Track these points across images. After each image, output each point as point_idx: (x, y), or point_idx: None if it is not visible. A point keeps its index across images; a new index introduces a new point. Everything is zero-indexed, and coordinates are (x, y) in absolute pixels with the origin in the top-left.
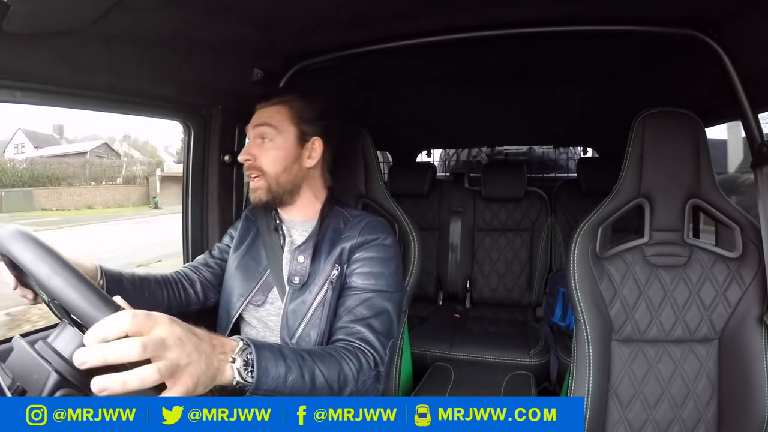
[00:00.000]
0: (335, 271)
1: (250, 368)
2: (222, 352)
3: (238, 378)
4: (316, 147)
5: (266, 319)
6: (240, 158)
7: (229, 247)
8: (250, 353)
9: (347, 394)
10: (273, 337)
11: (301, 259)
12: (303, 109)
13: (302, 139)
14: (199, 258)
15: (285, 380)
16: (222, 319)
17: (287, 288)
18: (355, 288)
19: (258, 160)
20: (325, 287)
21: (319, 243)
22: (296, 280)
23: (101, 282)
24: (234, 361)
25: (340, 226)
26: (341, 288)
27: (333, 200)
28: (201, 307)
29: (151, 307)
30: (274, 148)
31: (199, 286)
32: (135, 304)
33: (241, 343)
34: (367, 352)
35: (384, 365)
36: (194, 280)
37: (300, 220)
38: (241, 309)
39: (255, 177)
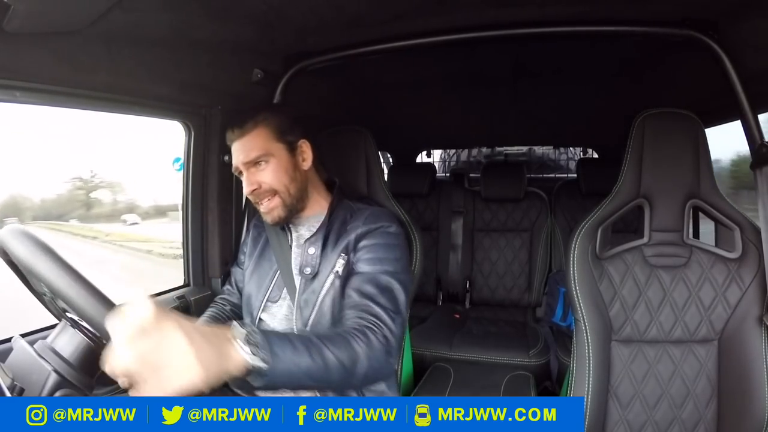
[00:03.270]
0: (341, 260)
1: (259, 352)
2: (228, 338)
3: (248, 359)
4: (305, 149)
5: (278, 312)
6: (247, 191)
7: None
8: (257, 336)
9: (361, 372)
10: (280, 328)
11: (311, 250)
12: (279, 122)
13: (292, 149)
14: (224, 290)
15: (298, 363)
16: (245, 319)
17: (299, 279)
18: (362, 274)
19: (264, 184)
20: (332, 276)
21: (328, 234)
22: (308, 270)
23: None
24: (241, 345)
25: (347, 217)
26: (348, 276)
27: (341, 194)
28: None
29: None
30: (273, 168)
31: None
32: None
33: (245, 329)
34: (374, 327)
35: (395, 339)
36: (229, 314)
37: (306, 216)
38: (261, 307)
39: (267, 200)
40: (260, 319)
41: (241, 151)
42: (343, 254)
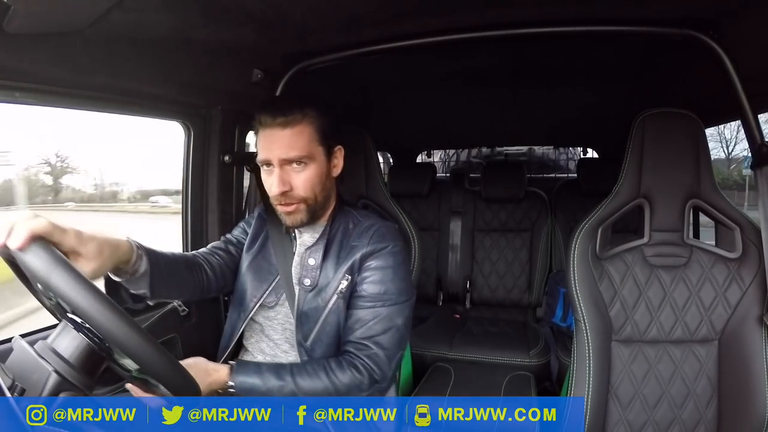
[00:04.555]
0: (345, 281)
1: (236, 386)
2: (222, 378)
3: (227, 386)
4: (339, 156)
5: (274, 318)
6: (276, 190)
7: (243, 239)
8: (233, 388)
9: (340, 395)
10: (276, 335)
11: (311, 261)
12: (325, 123)
13: (329, 153)
14: (217, 243)
15: (268, 388)
16: (233, 315)
17: (297, 290)
18: (367, 298)
19: (296, 188)
20: (335, 297)
21: (329, 243)
22: (307, 282)
23: (144, 260)
24: (229, 384)
25: (349, 227)
26: (351, 295)
27: (341, 200)
28: (217, 294)
29: (178, 291)
30: (310, 173)
31: (219, 271)
32: (166, 288)
33: (229, 381)
34: (369, 369)
35: (386, 381)
36: (213, 265)
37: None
38: (253, 310)
39: (293, 204)
40: (252, 319)
41: (279, 144)
42: (347, 275)
